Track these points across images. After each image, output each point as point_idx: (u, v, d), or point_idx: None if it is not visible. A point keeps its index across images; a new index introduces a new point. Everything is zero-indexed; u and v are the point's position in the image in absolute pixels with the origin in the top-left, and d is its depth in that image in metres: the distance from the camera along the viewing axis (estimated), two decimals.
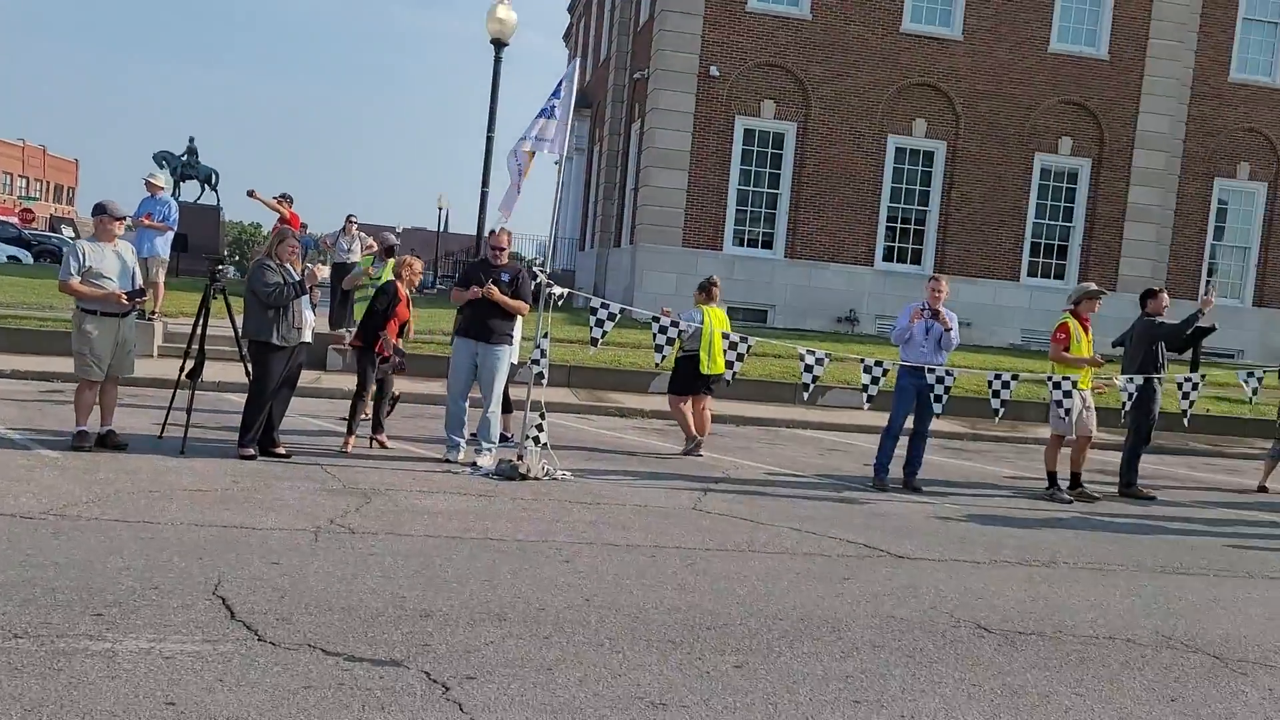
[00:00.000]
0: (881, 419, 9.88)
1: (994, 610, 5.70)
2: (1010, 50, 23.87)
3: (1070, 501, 9.48)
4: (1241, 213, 25.67)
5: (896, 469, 9.54)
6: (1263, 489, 11.19)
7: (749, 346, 9.56)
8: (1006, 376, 9.94)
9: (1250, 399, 10.97)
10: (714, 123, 23.24)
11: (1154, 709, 4.42)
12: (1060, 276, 24.53)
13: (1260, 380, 10.63)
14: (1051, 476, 9.74)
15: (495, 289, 8.80)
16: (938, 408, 9.53)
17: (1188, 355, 15.76)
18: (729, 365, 9.60)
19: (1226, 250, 25.78)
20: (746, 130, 23.51)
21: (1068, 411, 9.59)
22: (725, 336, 9.68)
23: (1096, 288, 10.13)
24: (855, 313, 23.73)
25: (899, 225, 24.16)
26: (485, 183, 16.68)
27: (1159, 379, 10.29)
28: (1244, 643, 5.47)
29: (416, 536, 6.31)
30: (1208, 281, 24.91)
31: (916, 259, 24.11)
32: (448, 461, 8.85)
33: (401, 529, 6.47)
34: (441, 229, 53.85)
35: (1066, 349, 9.69)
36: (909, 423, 9.65)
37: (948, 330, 9.49)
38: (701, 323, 10.13)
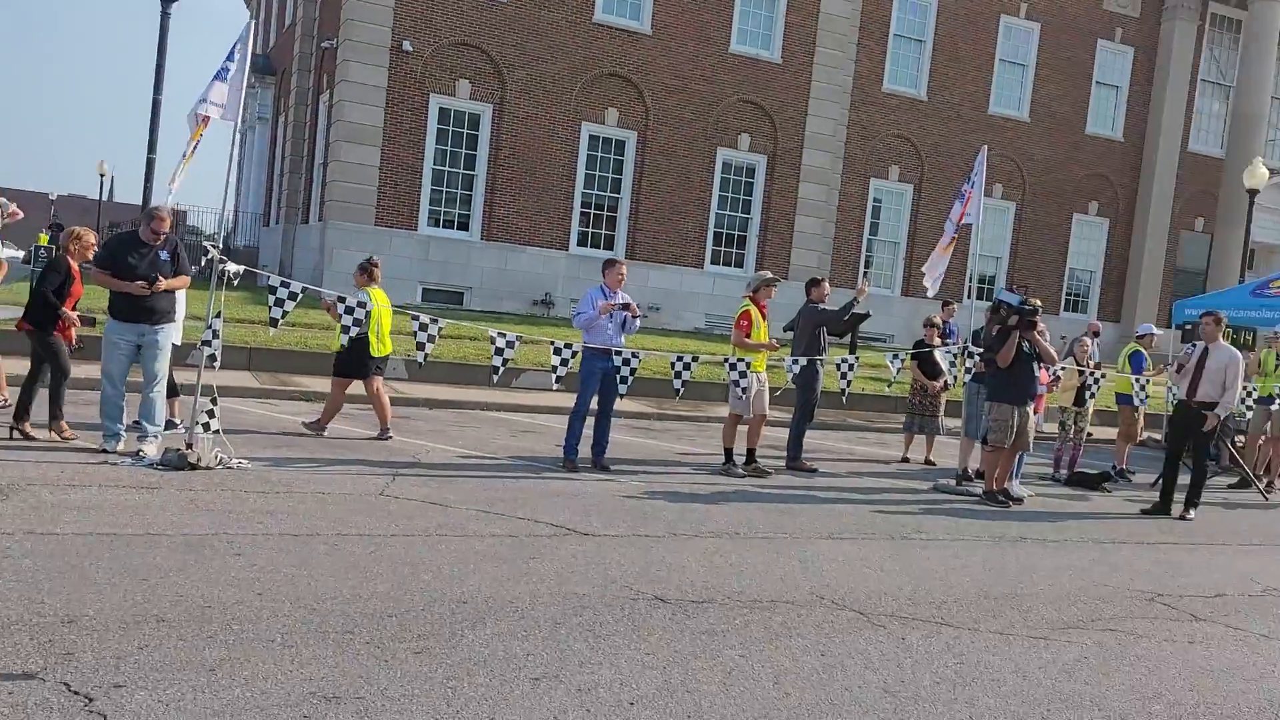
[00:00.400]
0: (572, 400, 10.09)
1: (671, 582, 5.99)
2: (695, 48, 25.06)
3: (744, 476, 10.13)
4: (893, 211, 28.52)
5: (586, 449, 9.79)
6: (905, 460, 12.53)
7: (440, 328, 9.43)
8: (688, 359, 10.47)
9: (894, 378, 12.22)
10: (407, 99, 22.69)
11: (805, 662, 4.82)
12: (740, 265, 26.13)
13: (903, 362, 11.85)
14: (728, 453, 10.36)
15: (163, 283, 8.21)
16: (622, 389, 9.87)
17: (848, 339, 17.32)
18: (420, 347, 9.42)
19: (880, 244, 28.55)
20: (442, 109, 23.16)
21: (744, 391, 10.23)
22: (415, 318, 9.49)
23: (773, 276, 10.85)
24: (551, 296, 24.08)
25: (593, 211, 24.76)
26: (152, 149, 15.31)
27: (821, 360, 11.21)
28: (884, 598, 6.09)
29: (63, 535, 5.70)
30: (864, 272, 27.52)
31: (609, 244, 24.80)
32: (105, 452, 8.08)
33: (44, 527, 5.82)
34: (104, 198, 48.89)
35: (749, 335, 10.33)
36: (595, 403, 9.93)
37: (636, 318, 9.89)
38: (370, 305, 9.90)
